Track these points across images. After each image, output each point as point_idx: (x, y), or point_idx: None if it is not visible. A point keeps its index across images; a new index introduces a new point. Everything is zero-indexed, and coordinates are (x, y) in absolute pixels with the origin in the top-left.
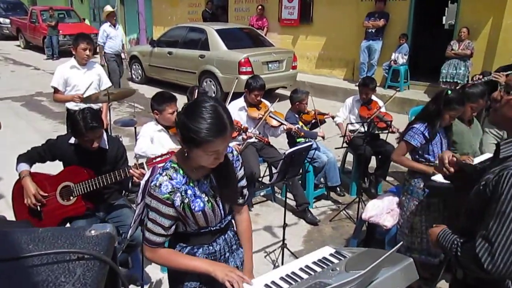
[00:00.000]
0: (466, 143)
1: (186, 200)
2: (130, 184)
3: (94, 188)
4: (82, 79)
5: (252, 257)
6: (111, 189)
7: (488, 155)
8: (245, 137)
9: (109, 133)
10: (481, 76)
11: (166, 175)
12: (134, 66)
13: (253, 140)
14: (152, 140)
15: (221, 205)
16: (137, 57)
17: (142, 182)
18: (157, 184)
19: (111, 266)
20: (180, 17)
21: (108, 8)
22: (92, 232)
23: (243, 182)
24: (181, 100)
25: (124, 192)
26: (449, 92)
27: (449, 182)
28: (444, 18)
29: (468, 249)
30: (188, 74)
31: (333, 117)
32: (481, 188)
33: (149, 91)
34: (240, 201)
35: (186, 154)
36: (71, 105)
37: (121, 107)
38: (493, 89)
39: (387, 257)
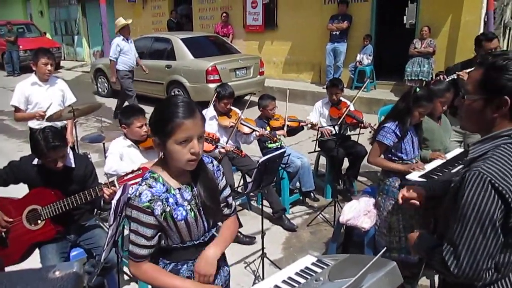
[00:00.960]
0: (437, 140)
1: (168, 209)
2: (102, 202)
3: (63, 210)
4: (44, 96)
5: (222, 243)
6: (82, 209)
7: (458, 150)
8: (222, 150)
9: (77, 151)
10: (445, 76)
11: (145, 184)
12: (99, 79)
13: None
14: (122, 157)
15: (204, 217)
16: (102, 70)
17: (114, 201)
18: (137, 194)
19: None
20: (144, 28)
21: (122, 20)
22: (57, 273)
23: (227, 192)
24: (151, 112)
25: (96, 211)
26: (417, 89)
27: (423, 179)
28: (405, 17)
29: (438, 253)
30: (155, 85)
31: (313, 125)
32: (452, 189)
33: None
34: (226, 211)
35: (163, 157)
36: (33, 124)
37: (88, 122)
38: (455, 85)
39: (369, 262)
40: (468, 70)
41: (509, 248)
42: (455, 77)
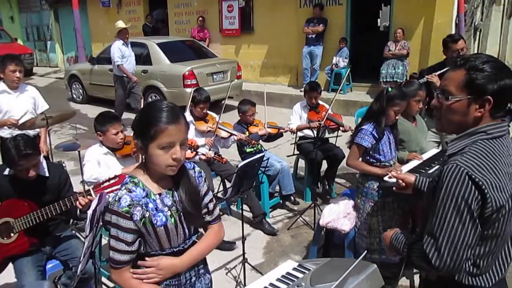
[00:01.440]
0: (413, 141)
1: (147, 214)
2: (78, 212)
3: (38, 221)
4: (14, 104)
5: (198, 252)
6: (57, 220)
7: (435, 151)
8: (203, 157)
9: (51, 159)
10: (417, 79)
11: (125, 189)
12: (74, 86)
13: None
14: (99, 164)
15: (184, 223)
16: (76, 76)
17: (89, 211)
18: (116, 199)
19: None
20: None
21: (120, 23)
22: None
23: (208, 198)
24: (127, 118)
25: (72, 220)
26: (390, 89)
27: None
28: (379, 20)
29: (418, 248)
30: None
31: (293, 132)
32: (430, 185)
33: (92, 111)
34: (208, 218)
35: (144, 161)
36: (4, 133)
37: (63, 130)
38: (429, 86)
39: (350, 265)
40: (437, 73)
41: (485, 240)
42: (425, 80)
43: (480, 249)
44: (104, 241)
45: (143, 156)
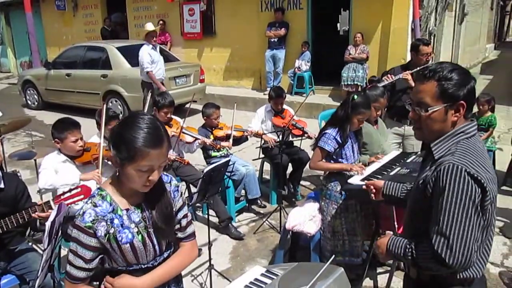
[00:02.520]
0: (375, 144)
1: (112, 230)
2: (38, 223)
3: None
4: None
5: (163, 272)
6: (12, 232)
7: (395, 153)
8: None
9: (5, 170)
10: (392, 76)
11: (91, 202)
12: (28, 91)
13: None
14: (57, 172)
15: (155, 240)
16: (31, 82)
17: (48, 223)
18: (80, 213)
19: None
20: (76, 36)
21: (149, 26)
22: None
23: (181, 214)
24: (87, 124)
25: (29, 232)
26: (355, 97)
27: (364, 183)
28: (338, 24)
29: (424, 249)
30: (90, 95)
31: (260, 134)
32: (420, 186)
33: (49, 117)
34: (179, 234)
35: (117, 174)
36: None
37: (17, 138)
38: (392, 87)
39: (319, 270)
40: (409, 72)
41: (482, 230)
42: (401, 76)
43: (481, 238)
44: (63, 252)
45: (117, 170)
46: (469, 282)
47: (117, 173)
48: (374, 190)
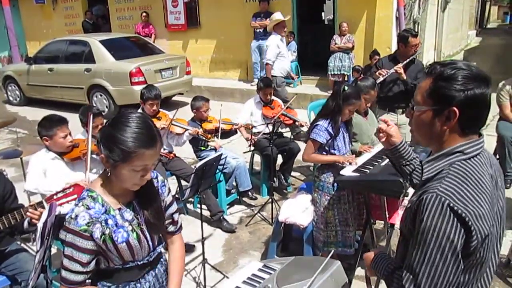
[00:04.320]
0: (364, 134)
1: (107, 231)
2: (27, 225)
3: None
4: None
5: (179, 281)
6: (1, 234)
7: None
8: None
9: None
10: (386, 71)
11: (82, 205)
12: (9, 87)
13: None
14: (46, 172)
15: (148, 236)
16: (12, 77)
17: (40, 225)
18: (73, 216)
19: None
20: (57, 30)
21: (277, 15)
22: None
23: (173, 208)
24: (71, 119)
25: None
26: (346, 88)
27: (356, 174)
28: (323, 14)
29: (397, 278)
30: (74, 90)
31: (250, 128)
32: (408, 209)
33: (32, 113)
34: (171, 228)
35: (109, 174)
36: None
37: (0, 135)
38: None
39: (316, 265)
40: (401, 65)
41: (469, 269)
42: (394, 71)
43: (464, 277)
44: (53, 251)
45: (108, 170)
46: None
47: (108, 173)
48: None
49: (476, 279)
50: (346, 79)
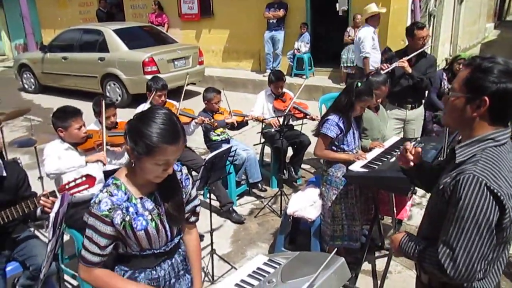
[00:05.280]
0: (375, 129)
1: (128, 218)
2: (39, 212)
3: None
4: None
5: (201, 277)
6: (15, 221)
7: (395, 138)
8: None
9: (5, 157)
10: (387, 65)
11: (106, 191)
12: (25, 75)
13: None
14: (60, 159)
15: (167, 226)
16: (27, 65)
17: (52, 214)
18: (96, 201)
19: None
20: (71, 19)
21: (373, 7)
22: None
23: (197, 201)
24: (85, 107)
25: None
26: (359, 84)
27: (365, 170)
28: (337, 5)
29: (431, 255)
30: (88, 78)
31: (259, 120)
32: (440, 191)
33: (46, 100)
34: (192, 219)
35: (133, 165)
36: None
37: (15, 122)
38: (392, 74)
39: (320, 260)
40: (405, 58)
41: (497, 246)
42: (397, 65)
43: (492, 255)
44: (66, 238)
45: (133, 161)
46: None
47: (133, 164)
48: (411, 157)
49: (498, 258)
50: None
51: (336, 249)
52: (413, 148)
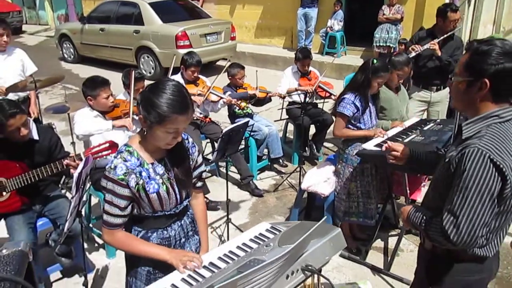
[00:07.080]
0: (394, 110)
1: (141, 182)
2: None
3: (29, 182)
4: (2, 66)
5: (207, 238)
6: (47, 181)
7: (415, 119)
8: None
9: (41, 121)
10: (419, 47)
11: (121, 157)
12: (65, 45)
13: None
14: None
15: (177, 190)
16: (67, 35)
17: (75, 174)
18: (112, 167)
19: (23, 286)
20: None
21: None
22: (4, 251)
23: (202, 168)
24: (117, 78)
25: (63, 180)
26: (375, 61)
27: (378, 149)
28: None
29: (436, 223)
30: (123, 50)
31: (282, 96)
32: (446, 163)
33: (84, 71)
34: (199, 184)
35: (145, 133)
36: None
37: (54, 90)
38: (418, 54)
39: (317, 229)
40: (436, 40)
41: (498, 216)
42: (429, 47)
43: (494, 223)
44: (95, 201)
45: (145, 129)
46: (482, 259)
47: (145, 132)
48: (396, 154)
49: (500, 227)
50: (392, 51)
51: (325, 217)
52: (396, 145)
